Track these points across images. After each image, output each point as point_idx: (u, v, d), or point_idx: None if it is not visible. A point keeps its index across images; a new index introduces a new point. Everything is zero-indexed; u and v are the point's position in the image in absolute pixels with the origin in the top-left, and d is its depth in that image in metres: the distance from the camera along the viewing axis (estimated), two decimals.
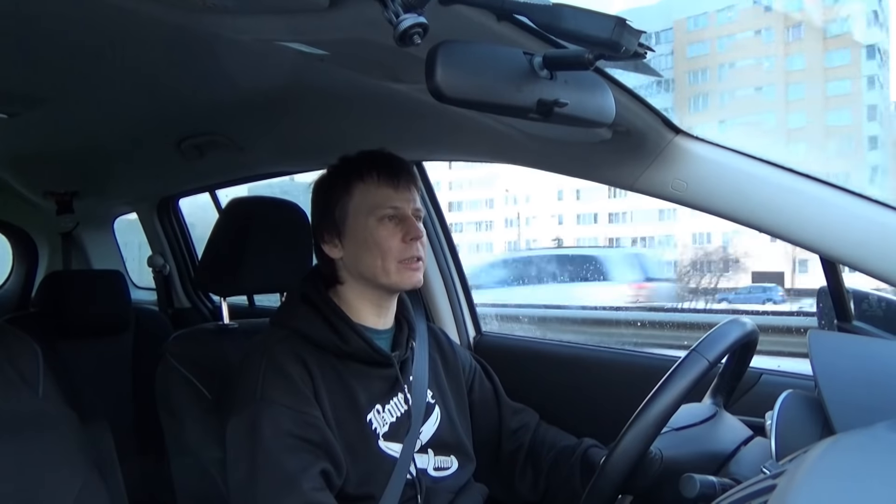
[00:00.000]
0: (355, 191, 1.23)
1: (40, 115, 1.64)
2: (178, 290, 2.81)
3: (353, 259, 1.24)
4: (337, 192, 1.24)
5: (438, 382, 1.34)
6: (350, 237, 1.23)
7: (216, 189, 2.54)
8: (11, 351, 1.21)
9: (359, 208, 1.22)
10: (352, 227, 1.23)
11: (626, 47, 0.70)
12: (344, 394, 1.19)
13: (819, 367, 0.91)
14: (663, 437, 1.00)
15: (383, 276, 1.22)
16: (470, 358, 1.47)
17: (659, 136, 1.15)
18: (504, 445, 1.39)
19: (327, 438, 1.13)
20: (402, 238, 1.21)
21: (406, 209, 1.23)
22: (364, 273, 1.23)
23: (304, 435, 1.12)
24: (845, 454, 0.66)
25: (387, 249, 1.21)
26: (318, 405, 1.15)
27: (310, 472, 1.10)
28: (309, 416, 1.13)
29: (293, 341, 1.20)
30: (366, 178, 1.23)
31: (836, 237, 1.05)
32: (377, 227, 1.21)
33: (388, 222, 1.22)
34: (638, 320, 4.12)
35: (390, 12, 0.68)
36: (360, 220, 1.22)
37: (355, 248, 1.23)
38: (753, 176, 1.11)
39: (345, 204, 1.23)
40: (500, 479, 1.39)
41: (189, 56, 1.20)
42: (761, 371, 1.39)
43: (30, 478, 1.08)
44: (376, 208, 1.21)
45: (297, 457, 1.10)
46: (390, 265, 1.21)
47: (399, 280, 1.22)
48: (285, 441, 1.10)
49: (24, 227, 3.07)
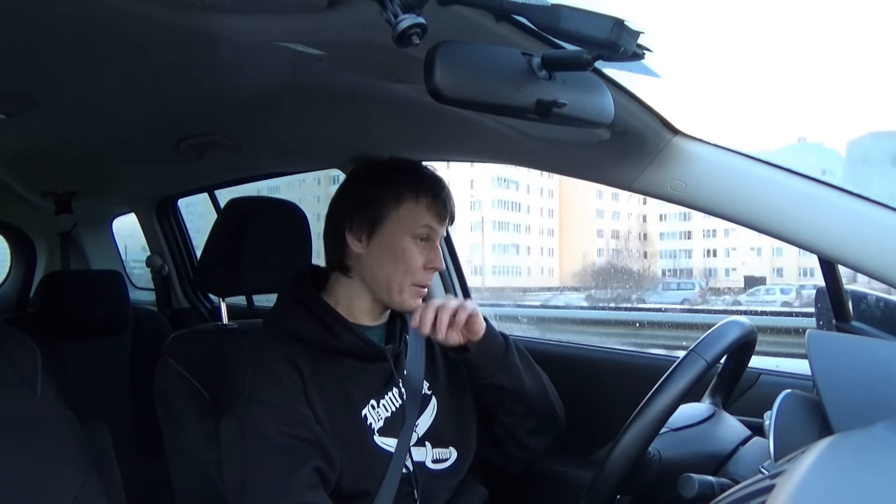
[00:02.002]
0: (404, 205, 1.24)
1: (38, 115, 1.64)
2: (177, 291, 2.81)
3: (373, 262, 1.24)
4: (386, 196, 1.24)
5: (434, 373, 1.34)
6: (379, 240, 1.23)
7: (215, 189, 2.54)
8: (10, 351, 1.21)
9: (401, 222, 1.23)
10: (386, 234, 1.23)
11: (625, 48, 0.70)
12: (337, 390, 1.19)
13: (818, 367, 0.91)
14: (662, 437, 1.01)
15: (394, 292, 1.23)
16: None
17: (658, 137, 1.15)
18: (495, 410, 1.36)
19: (318, 435, 1.14)
20: (424, 264, 1.23)
21: (438, 235, 1.26)
22: (378, 278, 1.24)
23: (294, 433, 1.12)
24: (844, 454, 0.66)
25: (410, 268, 1.22)
26: (307, 403, 1.15)
27: (301, 471, 1.10)
28: (298, 413, 1.14)
29: (284, 341, 1.21)
30: (419, 200, 1.24)
31: (834, 238, 1.05)
32: (410, 244, 1.23)
33: (420, 242, 1.23)
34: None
35: (389, 13, 0.68)
36: (398, 233, 1.23)
37: (381, 252, 1.23)
38: (753, 176, 1.11)
39: (389, 210, 1.24)
40: (501, 448, 1.37)
41: (187, 56, 1.20)
42: (760, 371, 1.39)
43: (28, 478, 1.08)
44: (417, 227, 1.23)
45: (288, 455, 1.10)
46: (406, 283, 1.23)
47: (405, 301, 1.24)
48: (276, 440, 1.11)
49: (22, 227, 3.06)
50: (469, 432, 1.34)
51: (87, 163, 2.20)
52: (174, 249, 2.78)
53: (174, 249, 2.78)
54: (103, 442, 1.27)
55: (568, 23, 0.70)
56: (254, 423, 1.12)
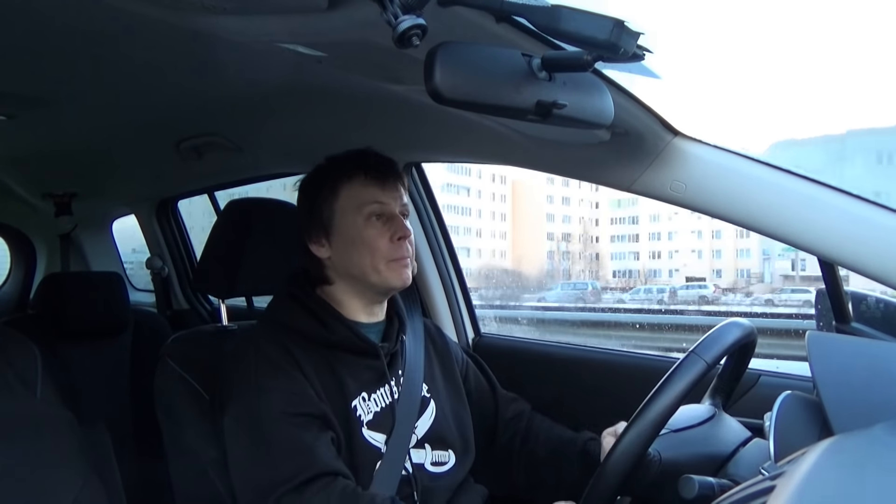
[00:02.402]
0: (342, 190, 1.23)
1: (39, 117, 1.64)
2: (177, 292, 2.81)
3: (342, 258, 1.24)
4: (324, 192, 1.25)
5: (433, 376, 1.34)
6: (338, 236, 1.24)
7: (215, 190, 2.54)
8: (10, 353, 1.21)
9: (346, 207, 1.23)
10: (339, 227, 1.23)
11: (625, 49, 0.70)
12: (331, 379, 1.20)
13: (818, 368, 0.91)
14: (662, 438, 1.00)
15: (373, 275, 1.22)
16: (460, 350, 1.47)
17: (657, 138, 1.15)
18: (500, 435, 1.40)
19: (325, 412, 1.16)
20: (390, 238, 1.22)
21: (393, 207, 1.24)
22: (353, 272, 1.24)
23: (305, 411, 1.14)
24: (844, 456, 0.66)
25: (375, 249, 1.21)
26: (308, 384, 1.17)
27: (323, 441, 1.12)
28: (304, 394, 1.15)
29: (280, 334, 1.22)
30: (352, 178, 1.23)
31: (834, 239, 1.05)
32: (365, 225, 1.22)
33: (375, 221, 1.22)
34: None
35: (389, 14, 0.68)
36: (348, 219, 1.23)
37: (343, 247, 1.23)
38: (752, 177, 1.11)
39: (331, 203, 1.24)
40: (496, 470, 1.39)
41: (187, 57, 1.20)
42: (760, 372, 1.39)
43: (28, 480, 1.08)
44: (363, 206, 1.22)
45: (305, 430, 1.12)
46: (379, 264, 1.22)
47: (388, 278, 1.23)
48: (292, 419, 1.13)
49: (23, 228, 3.06)
50: (468, 437, 1.34)
51: (88, 164, 2.20)
52: (174, 251, 2.78)
53: (174, 251, 2.78)
54: (103, 443, 1.27)
55: (568, 24, 0.70)
56: (267, 407, 1.13)
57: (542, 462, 1.35)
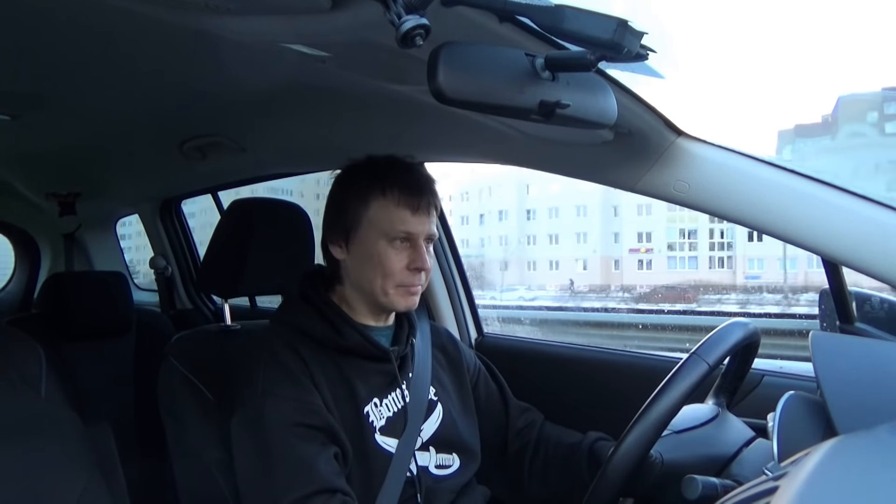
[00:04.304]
0: (373, 203, 1.20)
1: (42, 117, 1.64)
2: (181, 292, 2.82)
3: (355, 268, 1.24)
4: (354, 198, 1.22)
5: (441, 380, 1.34)
6: (357, 245, 1.22)
7: (218, 191, 2.55)
8: (14, 353, 1.21)
9: (372, 222, 1.20)
10: (361, 238, 1.21)
11: (628, 48, 0.70)
12: (342, 386, 1.19)
13: (821, 368, 0.91)
14: (666, 440, 1.00)
15: (381, 296, 1.21)
16: (474, 357, 1.46)
17: (661, 138, 1.15)
18: (510, 444, 1.39)
19: (331, 424, 1.14)
20: (407, 265, 1.20)
21: (419, 234, 1.21)
22: (363, 284, 1.23)
23: (311, 422, 1.12)
24: (847, 456, 0.65)
25: (389, 272, 1.20)
26: (318, 393, 1.16)
27: (325, 456, 1.11)
28: (312, 404, 1.14)
29: (291, 336, 1.21)
30: (386, 194, 1.19)
31: (838, 239, 1.05)
32: (386, 247, 1.19)
33: (398, 244, 1.20)
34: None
35: (392, 14, 0.68)
36: (371, 236, 1.20)
37: (359, 258, 1.22)
38: (756, 177, 1.11)
39: (359, 213, 1.21)
40: (507, 479, 1.38)
41: (191, 57, 1.20)
42: (763, 372, 1.39)
43: (32, 480, 1.08)
44: (390, 230, 1.19)
45: (310, 443, 1.11)
46: (388, 287, 1.20)
47: (394, 302, 1.22)
48: (296, 430, 1.11)
49: (27, 228, 3.07)
50: (474, 441, 1.34)
51: (92, 164, 2.21)
52: (177, 250, 2.78)
53: (177, 250, 2.78)
54: (107, 443, 1.28)
55: (571, 23, 0.70)
56: (273, 415, 1.12)
57: (553, 471, 1.35)
